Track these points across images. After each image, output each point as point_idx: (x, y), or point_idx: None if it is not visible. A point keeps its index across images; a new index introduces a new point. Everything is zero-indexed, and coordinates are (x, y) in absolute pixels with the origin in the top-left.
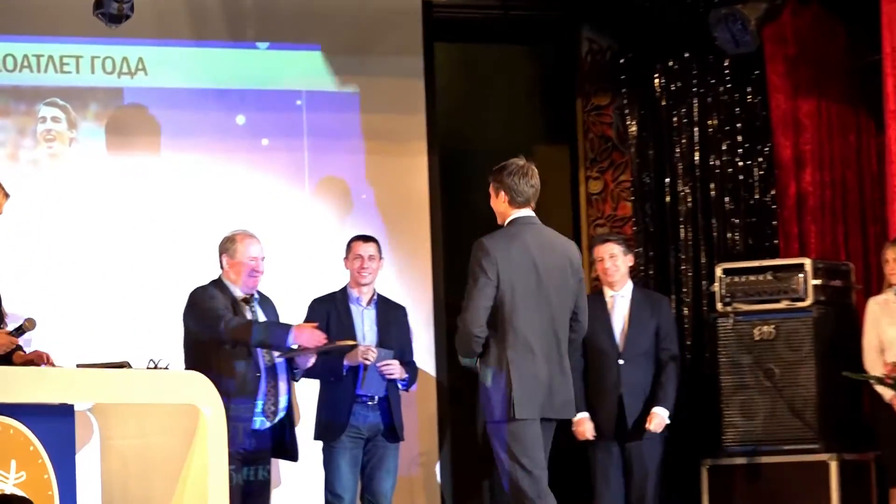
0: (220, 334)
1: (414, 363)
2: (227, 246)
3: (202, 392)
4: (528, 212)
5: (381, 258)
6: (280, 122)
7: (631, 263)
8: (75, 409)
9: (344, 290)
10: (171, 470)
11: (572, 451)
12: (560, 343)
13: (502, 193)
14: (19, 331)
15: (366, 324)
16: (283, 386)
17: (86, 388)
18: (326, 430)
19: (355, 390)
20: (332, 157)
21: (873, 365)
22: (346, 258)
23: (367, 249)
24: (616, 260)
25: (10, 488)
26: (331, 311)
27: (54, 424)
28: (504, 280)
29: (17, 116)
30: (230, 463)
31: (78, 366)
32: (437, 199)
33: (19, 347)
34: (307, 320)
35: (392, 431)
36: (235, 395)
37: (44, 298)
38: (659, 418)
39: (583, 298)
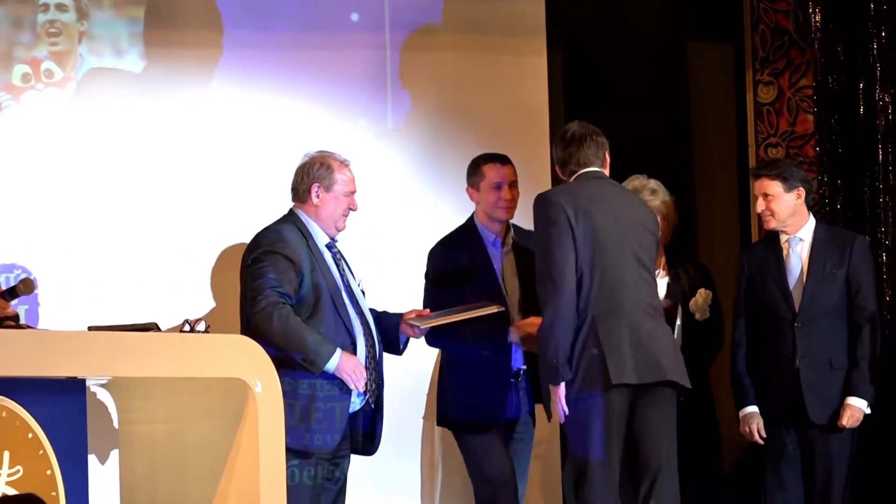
0: (262, 331)
1: None
2: (320, 174)
3: (252, 362)
4: (595, 168)
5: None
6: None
7: (800, 199)
8: (87, 384)
9: (472, 225)
10: (211, 462)
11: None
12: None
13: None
14: (12, 294)
15: (502, 263)
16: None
17: (101, 357)
18: (474, 418)
19: (511, 364)
20: (423, 56)
21: None
22: (474, 185)
23: (507, 173)
24: (773, 202)
25: (0, 487)
26: (468, 256)
27: (60, 405)
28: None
29: (9, 3)
30: (299, 457)
31: (90, 328)
32: (560, 114)
33: (15, 317)
34: (434, 274)
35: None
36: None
37: (50, 246)
38: (854, 410)
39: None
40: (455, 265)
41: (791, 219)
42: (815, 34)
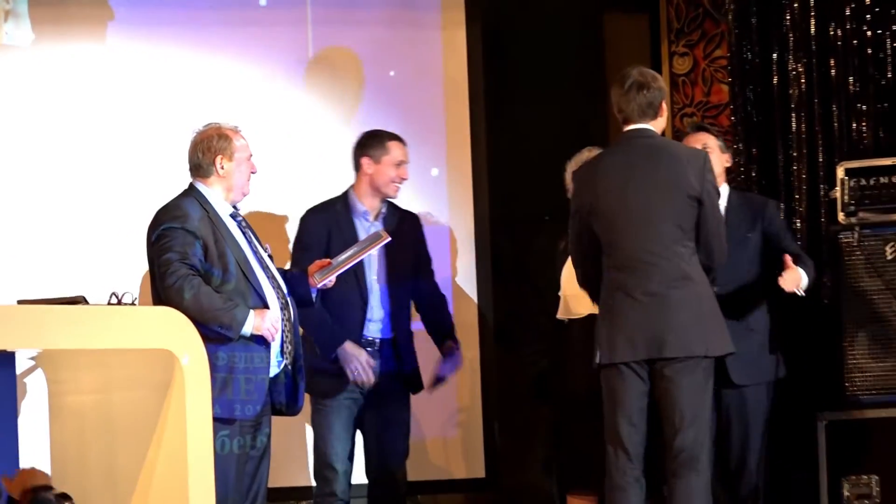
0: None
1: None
2: (221, 145)
3: (179, 333)
4: (635, 126)
5: None
6: None
7: (728, 164)
8: (16, 356)
9: (346, 200)
10: (140, 432)
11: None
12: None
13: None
14: None
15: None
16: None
17: (30, 329)
18: (320, 384)
19: (362, 332)
20: (344, 33)
21: None
22: (373, 159)
23: (407, 154)
24: (711, 155)
25: None
26: (332, 227)
27: None
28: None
29: None
30: (226, 428)
31: (19, 302)
32: (479, 85)
33: None
34: (299, 236)
35: (404, 381)
36: (247, 342)
37: None
38: (796, 274)
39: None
40: (324, 233)
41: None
42: (729, 6)
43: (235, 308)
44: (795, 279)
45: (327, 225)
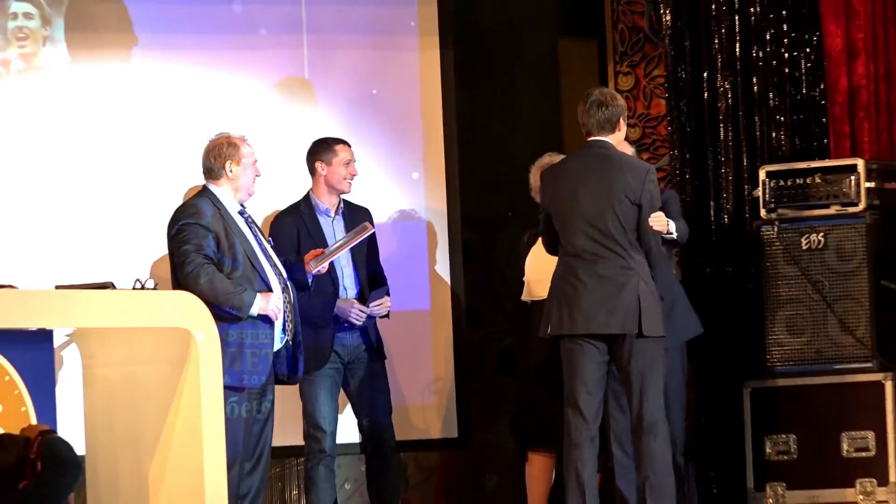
0: (193, 289)
1: (385, 284)
2: (230, 152)
3: (194, 314)
4: (594, 137)
5: None
6: (277, 14)
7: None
8: (54, 334)
9: (308, 201)
10: (160, 399)
11: None
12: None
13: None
14: None
15: (336, 237)
16: (294, 296)
17: (65, 311)
18: (308, 360)
19: (332, 312)
20: (335, 53)
21: None
22: (324, 161)
23: (353, 154)
24: None
25: None
26: (299, 227)
27: (32, 352)
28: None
29: None
30: (235, 395)
31: (56, 287)
32: (452, 99)
33: None
34: (274, 236)
35: (375, 351)
36: (255, 321)
37: (15, 215)
38: (661, 216)
39: (643, 222)
40: (293, 230)
41: None
42: (665, 31)
43: (244, 292)
44: (661, 220)
45: (296, 224)
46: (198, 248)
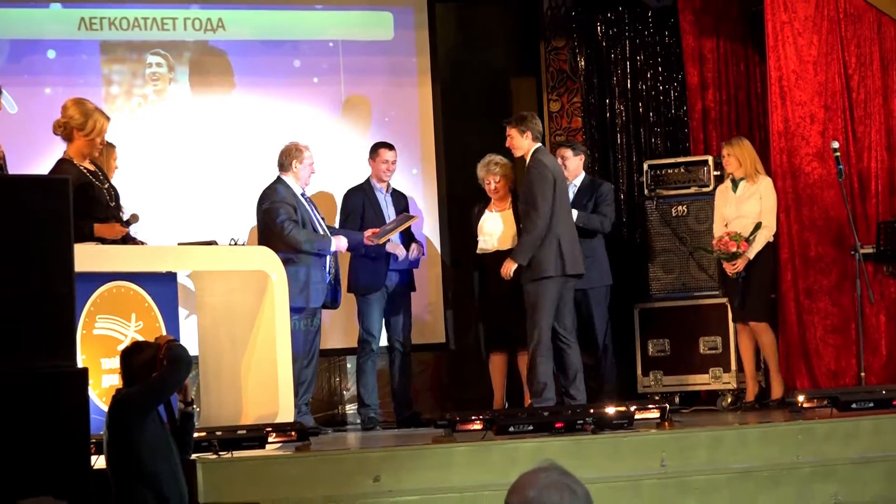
0: (291, 242)
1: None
2: (296, 154)
3: (270, 262)
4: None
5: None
6: (322, 65)
7: (581, 162)
8: (178, 275)
9: (369, 182)
10: (248, 319)
11: None
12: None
13: (528, 133)
14: (128, 223)
15: (388, 206)
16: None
17: (184, 260)
18: (367, 288)
19: (391, 261)
20: (362, 90)
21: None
22: (373, 160)
23: (391, 155)
24: (567, 161)
25: (131, 333)
26: (364, 199)
27: (163, 287)
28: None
29: (130, 63)
30: (299, 313)
31: (179, 244)
32: (440, 119)
33: (129, 236)
34: (345, 203)
35: (408, 286)
36: (314, 265)
37: (153, 198)
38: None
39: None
40: (360, 200)
41: (574, 171)
42: (581, 73)
43: (322, 239)
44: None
45: (362, 196)
46: (288, 214)
